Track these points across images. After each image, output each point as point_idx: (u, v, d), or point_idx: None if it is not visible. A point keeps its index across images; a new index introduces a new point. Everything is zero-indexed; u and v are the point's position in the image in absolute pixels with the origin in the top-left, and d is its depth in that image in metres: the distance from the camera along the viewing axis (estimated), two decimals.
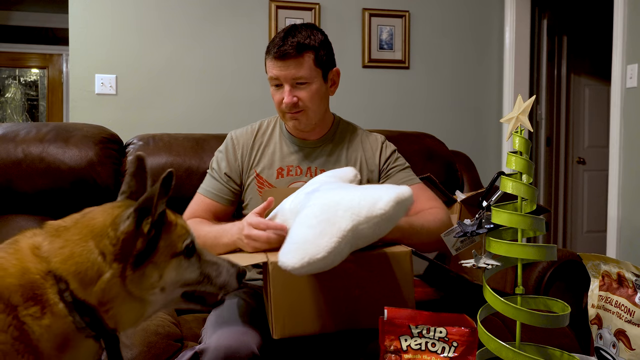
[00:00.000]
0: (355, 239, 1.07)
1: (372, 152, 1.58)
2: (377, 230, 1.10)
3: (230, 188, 1.56)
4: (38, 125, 2.05)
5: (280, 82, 1.47)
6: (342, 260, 1.08)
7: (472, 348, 0.97)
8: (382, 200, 1.07)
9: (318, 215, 1.09)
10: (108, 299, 0.87)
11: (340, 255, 1.05)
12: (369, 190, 1.14)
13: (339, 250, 1.04)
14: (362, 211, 1.06)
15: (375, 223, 1.07)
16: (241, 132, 1.61)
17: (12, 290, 0.83)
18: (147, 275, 0.88)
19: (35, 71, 5.50)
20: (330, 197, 1.14)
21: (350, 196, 1.11)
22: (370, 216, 1.06)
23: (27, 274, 0.85)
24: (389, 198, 1.07)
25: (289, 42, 1.44)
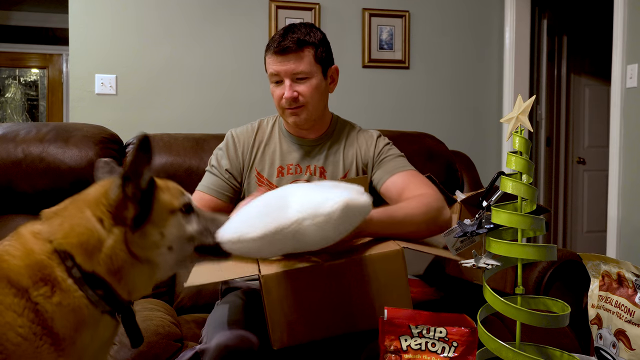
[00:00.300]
0: (297, 234, 1.03)
1: (366, 146, 1.57)
2: (320, 231, 1.04)
3: (231, 184, 1.56)
4: (38, 125, 2.05)
5: (281, 78, 1.47)
6: (274, 254, 1.05)
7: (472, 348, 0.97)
8: (332, 201, 1.03)
9: (271, 199, 1.09)
10: (117, 266, 0.90)
11: (273, 245, 1.03)
12: (327, 189, 1.11)
13: (273, 238, 1.01)
14: (309, 206, 1.03)
15: (319, 222, 1.03)
16: (241, 130, 1.61)
17: (20, 273, 0.85)
18: (148, 235, 0.92)
19: (35, 71, 5.50)
20: (294, 188, 1.13)
21: (307, 191, 1.09)
22: (315, 213, 1.02)
23: (32, 255, 0.87)
24: (339, 200, 1.03)
25: (289, 37, 1.45)
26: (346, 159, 1.56)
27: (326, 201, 1.03)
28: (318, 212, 1.02)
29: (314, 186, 1.16)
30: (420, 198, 1.38)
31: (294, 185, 1.19)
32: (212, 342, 1.23)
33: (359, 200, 1.07)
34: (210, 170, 1.59)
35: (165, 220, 0.95)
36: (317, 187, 1.15)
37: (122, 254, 0.90)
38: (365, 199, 1.09)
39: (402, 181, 1.48)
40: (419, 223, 1.32)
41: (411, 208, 1.34)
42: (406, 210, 1.33)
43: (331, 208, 1.02)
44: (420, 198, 1.38)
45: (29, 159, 1.94)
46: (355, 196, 1.08)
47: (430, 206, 1.36)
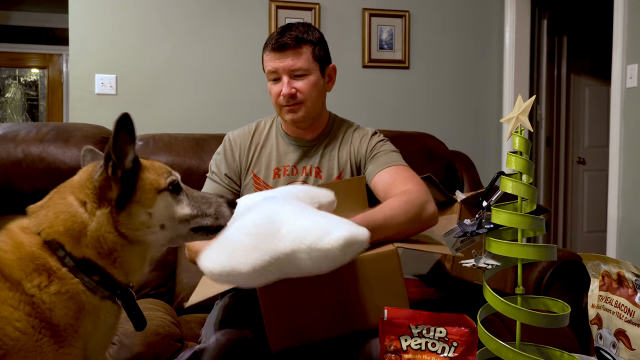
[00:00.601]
0: (288, 266, 0.96)
1: (359, 143, 1.56)
2: (315, 265, 0.96)
3: (231, 189, 1.56)
4: (38, 125, 2.05)
5: (279, 75, 1.46)
6: (265, 283, 0.97)
7: (472, 348, 0.97)
8: (333, 235, 0.94)
9: (259, 225, 0.99)
10: (107, 249, 0.89)
11: (264, 277, 0.96)
12: (323, 218, 1.01)
13: (266, 271, 0.94)
14: (307, 238, 0.94)
15: (316, 257, 0.94)
16: (238, 132, 1.61)
17: (11, 266, 0.85)
18: (134, 214, 0.91)
19: (35, 71, 5.50)
20: (281, 210, 1.05)
21: (300, 217, 1.00)
22: (313, 247, 0.94)
23: (22, 248, 0.87)
24: (341, 235, 0.94)
25: (287, 34, 1.44)
26: (341, 158, 1.55)
27: (325, 235, 0.94)
28: (315, 247, 0.94)
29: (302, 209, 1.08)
30: (400, 196, 1.35)
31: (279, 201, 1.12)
32: (210, 341, 1.23)
33: (359, 235, 0.98)
34: (211, 177, 1.59)
35: (151, 200, 0.93)
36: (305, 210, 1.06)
37: (109, 235, 0.89)
38: (364, 233, 0.99)
39: (389, 176, 1.46)
40: (401, 223, 1.28)
41: (390, 208, 1.30)
42: (386, 211, 1.28)
43: (330, 245, 0.94)
44: (400, 196, 1.35)
45: (29, 159, 1.93)
46: (355, 230, 0.98)
47: (411, 203, 1.32)
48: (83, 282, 0.88)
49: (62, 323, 0.85)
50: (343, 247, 0.94)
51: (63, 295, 0.85)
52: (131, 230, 0.91)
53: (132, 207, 0.91)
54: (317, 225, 0.98)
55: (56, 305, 0.85)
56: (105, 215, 0.89)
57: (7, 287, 0.83)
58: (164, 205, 0.95)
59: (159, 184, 0.95)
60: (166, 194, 0.96)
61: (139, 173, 0.94)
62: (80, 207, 0.90)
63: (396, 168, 1.48)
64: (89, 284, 0.88)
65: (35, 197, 1.93)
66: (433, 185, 1.75)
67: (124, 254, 0.92)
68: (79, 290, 0.87)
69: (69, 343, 0.85)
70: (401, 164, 1.51)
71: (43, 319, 0.83)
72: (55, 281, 0.86)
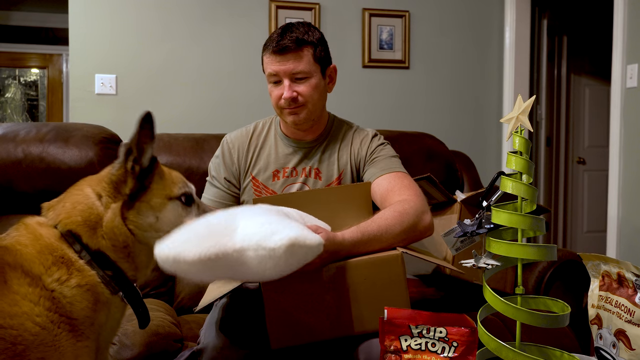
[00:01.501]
0: (236, 264, 0.94)
1: (360, 145, 1.55)
2: (261, 265, 0.94)
3: (231, 193, 1.55)
4: (38, 125, 2.05)
5: (279, 78, 1.45)
6: (213, 279, 0.97)
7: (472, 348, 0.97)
8: (278, 236, 0.93)
9: (219, 220, 0.99)
10: (122, 241, 0.92)
11: (210, 270, 0.94)
12: (280, 221, 1.00)
13: (211, 264, 0.92)
14: (255, 236, 0.94)
15: (262, 256, 0.94)
16: (236, 134, 1.60)
17: (32, 260, 0.87)
18: (142, 214, 0.94)
19: (35, 71, 5.50)
20: (245, 210, 1.04)
21: (256, 218, 0.99)
22: (259, 245, 0.93)
23: (41, 240, 0.89)
24: (285, 237, 0.93)
25: (288, 36, 1.42)
26: (341, 159, 1.54)
27: (272, 235, 0.94)
28: (262, 245, 0.93)
29: (271, 212, 1.06)
30: (395, 206, 1.33)
31: (251, 207, 1.11)
32: (209, 341, 1.23)
33: (307, 239, 0.96)
34: (210, 182, 1.58)
35: (161, 204, 0.96)
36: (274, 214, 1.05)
37: (123, 229, 0.92)
38: (314, 239, 0.98)
39: (387, 184, 1.44)
40: (396, 233, 1.27)
41: (385, 219, 1.28)
42: (380, 222, 1.27)
43: (275, 244, 0.93)
44: (395, 206, 1.33)
45: (29, 159, 1.93)
46: (306, 234, 0.97)
47: (406, 213, 1.30)
48: (98, 275, 0.90)
49: (80, 316, 0.87)
50: (287, 248, 0.93)
51: (83, 287, 0.88)
52: (139, 230, 0.94)
53: (141, 207, 0.94)
54: (271, 225, 0.96)
55: (76, 298, 0.87)
56: (118, 208, 0.92)
57: (27, 282, 0.84)
58: (173, 213, 0.97)
59: (171, 191, 0.98)
60: (177, 203, 0.98)
61: (154, 175, 0.97)
62: (97, 200, 0.93)
63: (395, 175, 1.47)
64: (102, 278, 0.91)
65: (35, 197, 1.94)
66: (433, 185, 1.75)
67: (135, 250, 0.95)
68: (96, 283, 0.90)
69: (86, 336, 0.88)
70: (400, 170, 1.50)
71: (62, 314, 0.85)
72: (75, 274, 0.88)
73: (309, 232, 0.99)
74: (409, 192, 1.40)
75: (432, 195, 1.80)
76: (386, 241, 1.26)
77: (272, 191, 1.53)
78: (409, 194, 1.39)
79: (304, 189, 1.53)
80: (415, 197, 1.38)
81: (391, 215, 1.29)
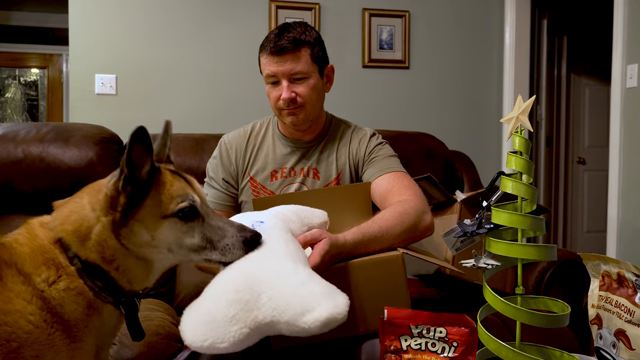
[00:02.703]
0: (268, 331, 0.92)
1: (358, 145, 1.55)
2: (294, 335, 0.91)
3: (230, 194, 1.55)
4: (38, 125, 2.05)
5: (277, 79, 1.44)
6: (250, 344, 0.93)
7: (472, 348, 0.97)
8: (311, 315, 0.88)
9: (239, 291, 0.92)
10: (110, 255, 0.88)
11: (246, 344, 0.92)
12: (305, 287, 0.93)
13: (247, 340, 0.91)
14: (285, 313, 0.89)
15: (295, 332, 0.90)
16: (233, 135, 1.59)
17: (24, 259, 0.86)
18: (135, 232, 0.89)
19: (35, 71, 5.50)
20: (261, 272, 0.96)
21: (282, 284, 0.93)
22: (291, 323, 0.89)
23: (35, 240, 0.88)
24: (319, 317, 0.87)
25: (286, 37, 1.41)
26: (339, 159, 1.54)
27: (305, 313, 0.88)
28: (294, 323, 0.89)
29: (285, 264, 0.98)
30: (396, 206, 1.32)
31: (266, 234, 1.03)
32: None
33: (338, 313, 0.89)
34: (209, 183, 1.58)
35: (154, 223, 0.89)
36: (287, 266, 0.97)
37: (112, 242, 0.88)
38: (342, 310, 0.90)
39: (386, 184, 1.44)
40: (397, 234, 1.26)
41: (386, 219, 1.27)
42: (380, 223, 1.26)
43: (307, 326, 0.87)
44: (396, 206, 1.32)
45: (29, 159, 1.93)
46: (336, 305, 0.90)
47: (406, 214, 1.30)
48: (86, 284, 0.88)
49: (72, 318, 0.85)
50: (320, 327, 0.88)
51: (72, 291, 0.86)
52: (134, 246, 0.90)
53: (134, 225, 0.89)
54: (298, 297, 0.91)
55: (65, 301, 0.85)
56: (108, 223, 0.88)
57: (21, 280, 0.84)
58: (170, 232, 0.91)
59: (166, 209, 0.90)
60: (174, 220, 0.91)
61: (151, 189, 0.90)
62: (91, 211, 0.90)
63: (394, 175, 1.46)
64: (92, 288, 0.88)
65: (35, 197, 1.94)
66: (433, 185, 1.75)
67: (127, 264, 0.90)
68: (85, 289, 0.88)
69: (80, 338, 0.86)
70: (399, 170, 1.49)
71: (55, 314, 0.84)
72: (64, 277, 0.86)
73: (334, 305, 0.90)
74: (409, 192, 1.40)
75: (432, 195, 1.80)
76: (387, 242, 1.26)
77: (270, 191, 1.53)
78: (409, 194, 1.39)
79: (302, 189, 1.52)
80: (415, 197, 1.38)
81: (392, 216, 1.29)
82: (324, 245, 1.13)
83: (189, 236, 0.92)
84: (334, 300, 0.91)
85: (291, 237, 1.10)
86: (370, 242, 1.23)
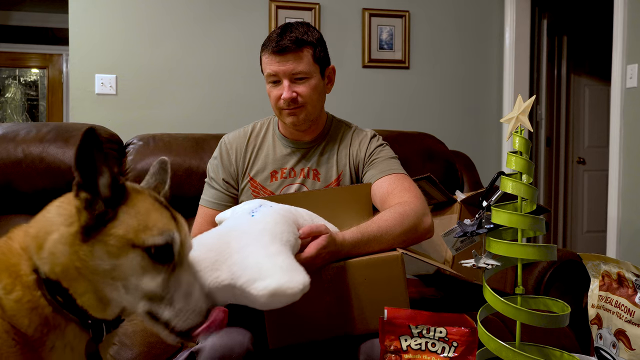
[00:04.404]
0: (226, 294, 0.98)
1: (359, 146, 1.55)
2: (243, 300, 0.97)
3: (230, 194, 1.55)
4: (38, 125, 2.05)
5: (279, 79, 1.44)
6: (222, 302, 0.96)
7: (472, 348, 0.97)
8: (261, 283, 0.93)
9: (211, 250, 0.99)
10: (60, 272, 0.77)
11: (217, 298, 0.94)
12: (269, 259, 0.98)
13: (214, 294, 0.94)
14: (241, 278, 0.95)
15: (246, 298, 0.96)
16: (233, 135, 1.59)
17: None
18: (96, 255, 0.76)
19: (35, 71, 5.50)
20: (236, 240, 1.03)
21: (250, 252, 0.98)
22: (243, 288, 0.95)
23: (8, 244, 0.81)
24: (268, 285, 0.93)
25: (288, 37, 1.42)
26: (340, 160, 1.54)
27: (257, 280, 0.94)
28: (245, 289, 0.94)
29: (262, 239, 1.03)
30: (396, 208, 1.33)
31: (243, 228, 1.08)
32: (207, 341, 1.23)
33: (289, 289, 0.94)
34: (209, 183, 1.58)
35: (120, 251, 0.76)
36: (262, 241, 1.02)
37: (63, 258, 0.77)
38: (296, 287, 0.95)
39: (387, 185, 1.44)
40: (396, 234, 1.26)
41: (385, 220, 1.28)
42: (380, 224, 1.26)
43: (257, 292, 0.93)
44: (396, 208, 1.33)
45: (29, 159, 1.93)
46: (289, 281, 0.94)
47: (406, 215, 1.30)
48: (45, 297, 0.77)
49: (29, 333, 0.76)
50: (268, 297, 0.93)
51: (24, 304, 0.76)
52: (90, 273, 0.77)
53: (95, 246, 0.76)
54: (257, 266, 0.96)
55: (18, 313, 0.76)
56: (67, 234, 0.77)
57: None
58: (134, 267, 0.77)
59: (135, 238, 0.77)
60: (142, 255, 0.77)
61: (119, 208, 0.78)
62: (57, 217, 0.79)
63: (395, 177, 1.46)
64: (51, 303, 0.77)
65: (35, 197, 1.94)
66: (433, 185, 1.75)
67: (78, 286, 0.77)
68: (42, 304, 0.77)
69: (44, 357, 0.78)
70: (400, 172, 1.49)
71: (13, 325, 0.76)
72: (18, 287, 0.77)
73: (289, 278, 0.95)
74: (409, 194, 1.40)
75: (432, 195, 1.80)
76: (386, 242, 1.26)
77: (270, 192, 1.53)
78: (409, 196, 1.39)
79: (302, 189, 1.53)
80: (415, 200, 1.38)
81: (391, 217, 1.29)
82: (322, 240, 1.15)
83: (151, 278, 0.78)
84: (289, 275, 0.96)
85: (287, 222, 1.12)
86: (370, 241, 1.23)
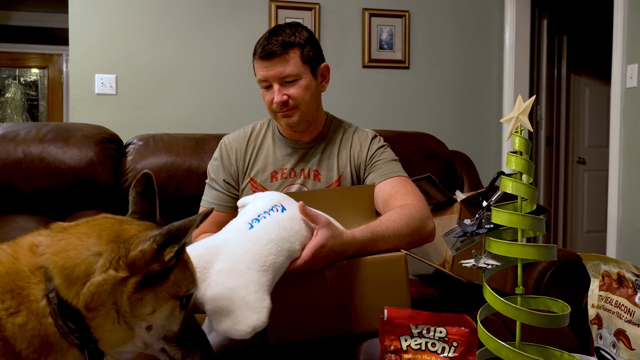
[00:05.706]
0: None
1: (360, 147, 1.55)
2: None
3: (231, 195, 1.55)
4: (38, 125, 2.05)
5: (269, 83, 1.45)
6: None
7: (472, 348, 0.97)
8: (219, 318, 1.00)
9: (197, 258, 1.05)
10: (96, 305, 0.79)
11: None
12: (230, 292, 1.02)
13: None
14: (207, 304, 1.01)
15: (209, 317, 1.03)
16: (233, 136, 1.60)
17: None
18: (144, 302, 0.81)
19: (35, 71, 5.50)
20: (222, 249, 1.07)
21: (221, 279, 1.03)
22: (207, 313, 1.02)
23: (15, 264, 0.80)
24: (220, 322, 0.99)
25: (274, 40, 1.42)
26: (340, 161, 1.54)
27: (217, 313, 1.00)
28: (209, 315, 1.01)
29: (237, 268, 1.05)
30: (402, 209, 1.34)
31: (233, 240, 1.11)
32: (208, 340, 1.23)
33: (236, 329, 0.99)
34: (210, 184, 1.58)
35: (164, 300, 0.83)
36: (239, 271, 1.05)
37: (107, 299, 0.79)
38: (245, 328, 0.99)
39: (389, 188, 1.44)
40: (402, 236, 1.27)
41: (393, 220, 1.29)
42: (388, 224, 1.27)
43: (214, 324, 1.00)
44: (402, 209, 1.34)
45: (29, 159, 1.93)
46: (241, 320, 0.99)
47: (412, 217, 1.31)
48: (57, 325, 0.78)
49: (23, 354, 0.77)
50: (221, 331, 1.00)
51: (28, 331, 0.77)
52: (130, 313, 0.81)
53: (147, 295, 0.81)
54: (220, 297, 1.01)
55: (18, 337, 0.77)
56: (113, 279, 0.79)
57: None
58: (168, 313, 0.85)
59: (180, 289, 0.85)
60: (176, 304, 0.85)
61: (177, 266, 0.85)
62: (95, 256, 0.80)
63: (397, 179, 1.47)
64: (61, 329, 0.79)
65: (35, 197, 1.94)
66: (433, 185, 1.75)
67: (106, 323, 0.81)
68: (49, 332, 0.78)
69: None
70: (401, 174, 1.50)
71: (7, 343, 0.76)
72: (24, 313, 0.77)
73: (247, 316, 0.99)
74: (412, 197, 1.41)
75: (432, 195, 1.80)
76: (392, 242, 1.26)
77: None
78: (412, 199, 1.40)
79: (302, 190, 1.53)
80: (419, 203, 1.39)
81: (398, 217, 1.30)
82: (318, 241, 1.13)
83: (176, 323, 0.87)
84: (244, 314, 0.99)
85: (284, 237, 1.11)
86: (378, 241, 1.24)
